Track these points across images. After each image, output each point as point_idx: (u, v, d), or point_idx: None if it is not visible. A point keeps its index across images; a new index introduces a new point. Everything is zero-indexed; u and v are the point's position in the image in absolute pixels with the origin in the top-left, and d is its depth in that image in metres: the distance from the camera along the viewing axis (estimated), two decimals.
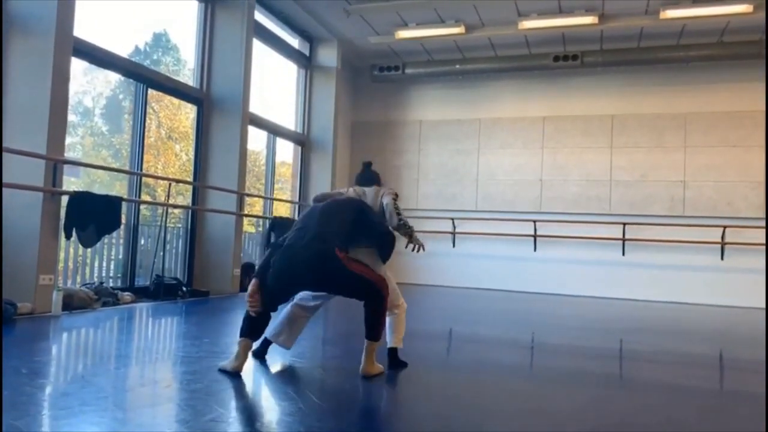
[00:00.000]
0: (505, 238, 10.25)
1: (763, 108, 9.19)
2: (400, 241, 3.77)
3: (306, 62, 10.08)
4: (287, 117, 9.96)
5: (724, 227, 9.06)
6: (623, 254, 9.57)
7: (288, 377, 3.36)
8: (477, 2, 8.26)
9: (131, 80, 6.82)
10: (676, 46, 9.26)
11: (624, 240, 9.54)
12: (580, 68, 9.72)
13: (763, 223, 8.91)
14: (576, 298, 9.34)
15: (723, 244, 9.10)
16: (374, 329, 3.30)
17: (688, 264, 9.30)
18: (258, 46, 8.55)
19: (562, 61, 9.61)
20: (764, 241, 8.86)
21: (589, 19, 8.44)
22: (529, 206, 10.22)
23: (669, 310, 8.15)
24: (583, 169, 9.99)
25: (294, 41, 9.84)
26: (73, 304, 5.33)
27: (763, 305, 8.66)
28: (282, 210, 9.87)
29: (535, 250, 10.09)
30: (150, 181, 7.38)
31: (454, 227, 10.51)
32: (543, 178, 10.23)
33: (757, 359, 4.66)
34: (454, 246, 10.55)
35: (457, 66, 10.30)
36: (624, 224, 9.49)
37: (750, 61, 9.07)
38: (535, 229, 10.04)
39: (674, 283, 9.31)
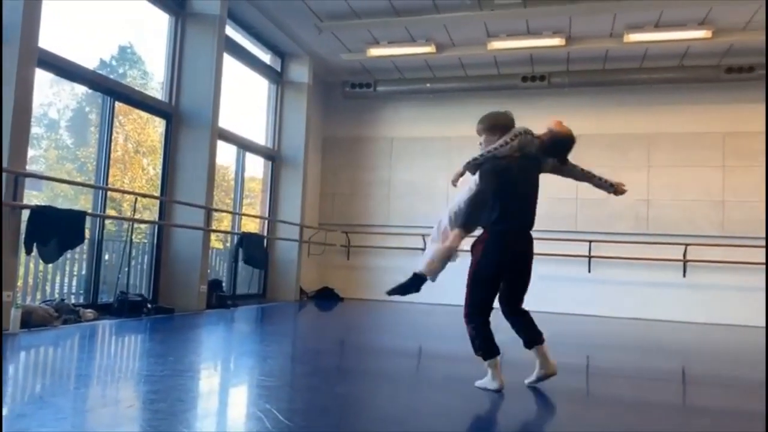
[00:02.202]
0: None
1: (719, 129, 9.51)
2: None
3: (277, 77, 10.07)
4: (258, 132, 9.91)
5: (686, 245, 9.28)
6: (589, 271, 9.72)
7: (255, 396, 3.30)
8: (447, 22, 8.39)
9: (98, 93, 6.70)
10: (640, 69, 9.54)
11: (590, 257, 9.69)
12: (548, 89, 9.92)
13: (720, 241, 9.16)
14: (544, 314, 9.40)
15: (685, 262, 9.32)
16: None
17: (652, 281, 9.49)
18: (229, 61, 8.52)
19: (530, 81, 9.80)
20: (736, 259, 9.10)
21: (556, 41, 8.64)
22: None
23: (634, 326, 8.29)
24: (550, 187, 10.03)
25: (265, 56, 9.83)
26: (32, 321, 5.16)
27: (725, 321, 8.88)
28: (251, 226, 9.78)
29: None
30: (116, 195, 7.24)
31: (425, 243, 10.54)
32: None
33: (718, 374, 4.75)
34: None
35: (428, 84, 10.42)
36: (590, 242, 9.65)
37: (709, 84, 9.38)
38: None
39: (638, 299, 9.48)
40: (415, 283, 3.75)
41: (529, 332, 3.74)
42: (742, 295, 9.09)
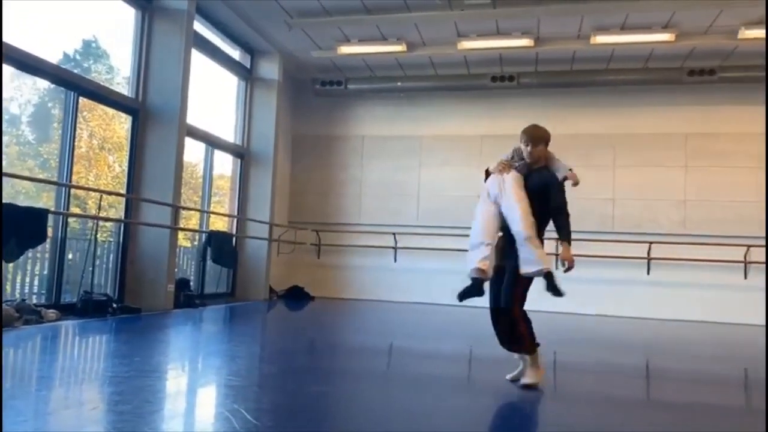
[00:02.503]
0: (445, 253, 10.38)
1: (682, 130, 9.75)
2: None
3: (246, 74, 9.97)
4: (226, 129, 9.80)
5: (650, 243, 9.50)
6: (556, 268, 9.85)
7: (223, 396, 3.27)
8: (418, 21, 8.41)
9: (61, 88, 6.54)
10: (606, 70, 9.71)
11: (557, 255, 9.82)
12: (517, 89, 10.04)
13: (685, 240, 9.39)
14: None
15: (649, 259, 9.53)
16: None
17: (617, 278, 9.69)
18: (197, 57, 8.40)
19: (500, 81, 9.90)
20: (732, 258, 9.32)
21: (525, 42, 8.75)
22: (468, 222, 10.34)
23: (599, 323, 8.45)
24: None
25: (234, 53, 9.72)
26: None
27: (688, 318, 9.12)
28: (219, 224, 9.67)
29: None
30: (80, 192, 7.07)
31: (396, 242, 10.58)
32: (481, 194, 10.43)
33: (681, 369, 4.88)
34: (395, 261, 10.60)
35: (399, 83, 10.44)
36: (556, 239, 9.77)
37: (672, 86, 9.60)
38: None
39: (603, 296, 9.66)
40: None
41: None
42: (703, 292, 9.34)
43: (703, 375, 4.82)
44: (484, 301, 10.28)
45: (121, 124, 7.78)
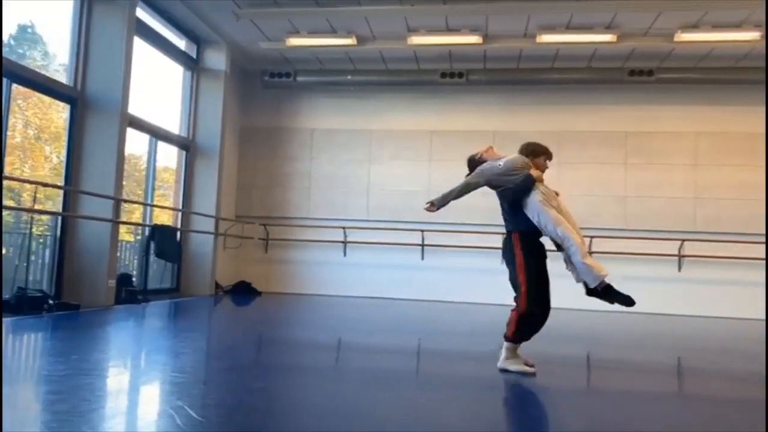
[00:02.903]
0: (394, 248, 10.44)
1: (622, 129, 10.10)
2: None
3: (193, 64, 9.72)
4: (172, 120, 9.52)
5: (591, 237, 9.80)
6: (502, 262, 10.05)
7: (166, 393, 3.19)
8: (368, 15, 8.39)
9: None
10: (551, 69, 9.95)
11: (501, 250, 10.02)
12: (466, 85, 10.16)
13: (623, 234, 9.75)
14: (462, 304, 9.69)
15: (591, 253, 9.83)
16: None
17: (560, 272, 9.93)
18: (140, 45, 8.13)
19: (449, 77, 10.00)
20: (705, 254, 9.68)
21: (474, 39, 8.86)
22: (417, 216, 10.46)
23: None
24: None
25: (180, 42, 9.45)
26: None
27: (626, 309, 9.44)
28: (163, 218, 9.40)
29: (422, 258, 10.36)
30: (14, 184, 6.73)
31: (345, 236, 10.55)
32: (430, 189, 10.54)
33: (614, 358, 5.06)
34: (345, 255, 10.58)
35: (349, 77, 10.40)
36: (502, 234, 9.97)
37: (614, 85, 9.94)
38: (423, 239, 10.31)
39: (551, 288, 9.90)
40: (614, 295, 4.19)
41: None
42: (640, 284, 9.71)
43: (644, 364, 5.02)
44: (432, 295, 10.34)
45: (59, 113, 7.45)
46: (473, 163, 4.67)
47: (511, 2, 7.99)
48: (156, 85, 9.26)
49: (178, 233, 9.21)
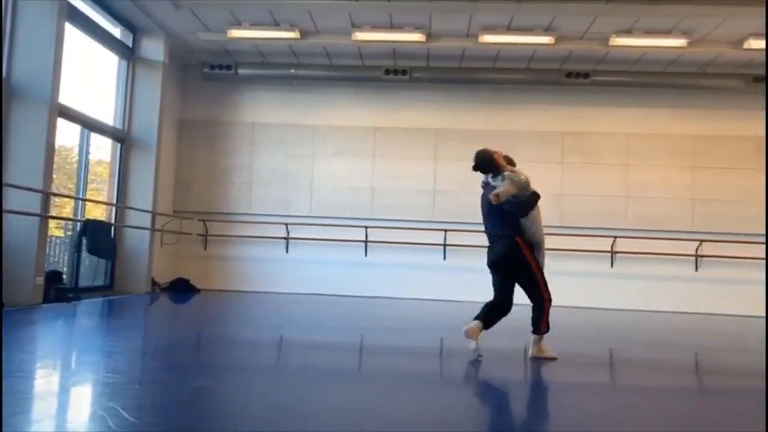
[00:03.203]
0: (338, 244, 10.40)
1: (559, 129, 10.42)
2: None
3: (128, 54, 9.35)
4: (105, 111, 9.14)
5: None
6: (444, 258, 10.22)
7: (98, 395, 3.06)
8: (312, 8, 8.32)
9: None
10: (492, 69, 10.15)
11: (445, 245, 10.19)
12: (409, 83, 10.23)
13: (559, 231, 10.05)
14: (404, 300, 9.77)
15: None
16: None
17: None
18: (72, 32, 7.75)
19: (393, 74, 10.04)
20: (636, 250, 10.01)
21: (417, 37, 8.93)
22: (361, 213, 10.50)
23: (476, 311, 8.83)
24: (410, 178, 10.51)
25: (115, 30, 9.08)
26: None
27: (564, 304, 9.76)
28: (97, 212, 9.02)
29: (366, 255, 10.37)
30: None
31: (288, 233, 10.43)
32: (374, 185, 10.57)
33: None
34: (287, 252, 10.47)
35: (292, 70, 10.27)
36: (445, 231, 10.14)
37: (552, 86, 10.24)
38: (366, 235, 10.33)
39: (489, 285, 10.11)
40: None
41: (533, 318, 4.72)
42: (575, 279, 10.07)
43: (580, 355, 5.19)
44: (376, 292, 10.37)
45: None
46: (488, 158, 5.01)
47: (454, 2, 8.09)
48: (89, 75, 8.87)
49: (113, 228, 8.87)
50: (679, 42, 8.68)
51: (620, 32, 8.62)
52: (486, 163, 4.91)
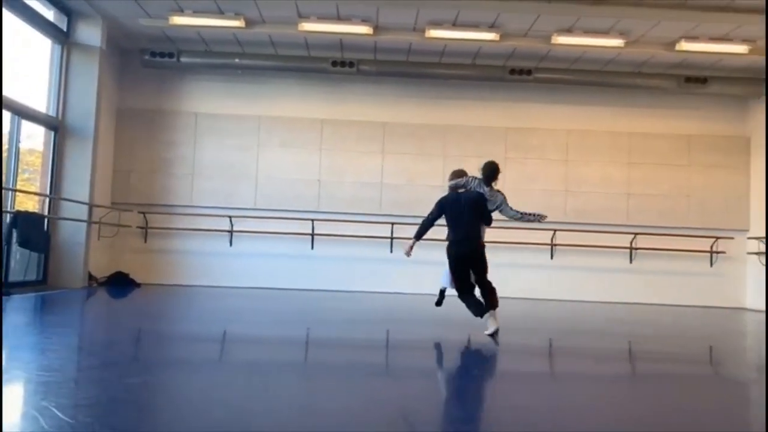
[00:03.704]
0: (284, 237, 10.30)
1: (503, 124, 10.64)
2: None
3: (63, 38, 8.94)
4: (38, 98, 8.71)
5: None
6: (391, 251, 10.27)
7: (30, 393, 2.93)
8: None
9: None
10: (439, 64, 10.25)
11: (392, 238, 10.25)
12: (356, 75, 10.20)
13: (501, 225, 10.25)
14: (352, 293, 9.78)
15: None
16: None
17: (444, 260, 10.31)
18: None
19: (340, 66, 9.98)
20: (574, 242, 10.23)
21: (365, 29, 8.91)
22: (308, 205, 10.42)
23: (427, 302, 8.96)
24: (357, 171, 10.50)
25: (48, 12, 8.65)
26: None
27: (506, 295, 9.99)
28: (29, 204, 8.60)
29: (312, 248, 10.31)
30: None
31: (232, 225, 10.25)
32: (321, 178, 10.51)
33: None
34: (231, 245, 10.29)
35: (237, 60, 10.06)
36: (392, 224, 10.19)
37: (496, 82, 10.42)
38: (313, 228, 10.26)
39: (435, 277, 10.25)
40: None
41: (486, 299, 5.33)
42: (517, 271, 10.34)
43: (513, 345, 5.35)
44: (323, 285, 10.34)
45: None
46: (496, 169, 5.99)
47: None
48: (19, 60, 8.42)
49: (46, 221, 8.48)
50: (616, 42, 9.00)
51: (561, 31, 8.85)
52: (495, 173, 5.94)
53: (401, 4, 8.28)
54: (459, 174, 5.84)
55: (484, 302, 5.27)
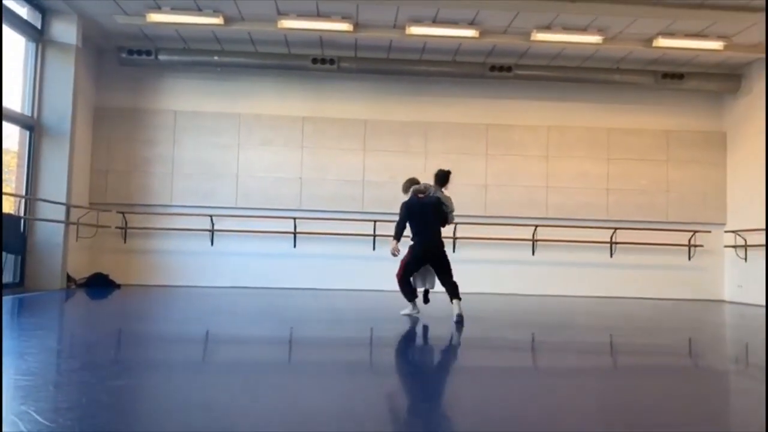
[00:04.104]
0: (265, 236, 10.25)
1: (483, 121, 10.69)
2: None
3: (37, 35, 8.77)
4: (12, 98, 8.54)
5: (456, 224, 10.29)
6: (374, 249, 10.27)
7: (9, 398, 2.88)
8: None
9: None
10: (419, 61, 10.26)
11: (375, 236, 10.25)
12: (337, 73, 10.17)
13: (483, 221, 10.35)
14: (335, 292, 9.77)
15: (454, 239, 10.33)
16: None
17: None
18: None
19: (320, 64, 9.94)
20: (555, 238, 10.34)
21: (345, 26, 8.88)
22: (289, 204, 10.37)
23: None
24: (339, 169, 10.48)
25: (21, 9, 8.49)
26: None
27: (483, 290, 10.07)
28: (4, 205, 8.42)
29: (294, 246, 10.27)
30: None
31: (213, 224, 10.17)
32: (303, 176, 10.47)
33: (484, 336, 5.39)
34: (212, 244, 10.21)
35: (216, 57, 9.97)
36: (375, 221, 10.19)
37: (476, 79, 10.46)
38: (295, 226, 10.22)
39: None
40: None
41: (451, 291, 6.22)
42: (498, 267, 10.41)
43: (498, 340, 5.38)
44: (305, 284, 10.33)
45: None
46: (447, 176, 6.68)
47: None
48: None
49: (22, 222, 8.34)
50: (594, 39, 9.08)
51: (541, 28, 8.91)
52: (447, 179, 6.63)
53: (381, 1, 8.26)
54: (413, 182, 6.60)
55: (450, 293, 6.15)
